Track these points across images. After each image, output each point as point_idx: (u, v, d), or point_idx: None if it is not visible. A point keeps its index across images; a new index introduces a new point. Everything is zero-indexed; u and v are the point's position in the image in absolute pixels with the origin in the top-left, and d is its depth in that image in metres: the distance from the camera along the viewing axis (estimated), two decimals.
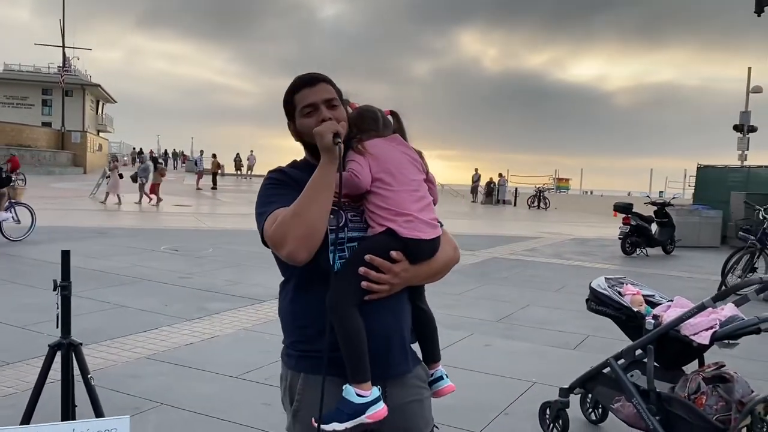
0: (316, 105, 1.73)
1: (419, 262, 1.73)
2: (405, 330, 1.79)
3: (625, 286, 3.53)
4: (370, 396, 1.63)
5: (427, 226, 1.74)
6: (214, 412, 3.84)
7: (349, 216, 1.73)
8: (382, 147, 1.76)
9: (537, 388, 4.44)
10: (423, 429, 1.83)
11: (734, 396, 3.04)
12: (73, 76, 47.85)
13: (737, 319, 3.11)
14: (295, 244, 1.59)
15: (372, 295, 1.66)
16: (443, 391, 1.96)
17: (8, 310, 6.05)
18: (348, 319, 1.64)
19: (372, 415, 1.62)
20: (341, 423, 1.61)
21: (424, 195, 1.78)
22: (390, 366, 1.73)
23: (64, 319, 2.71)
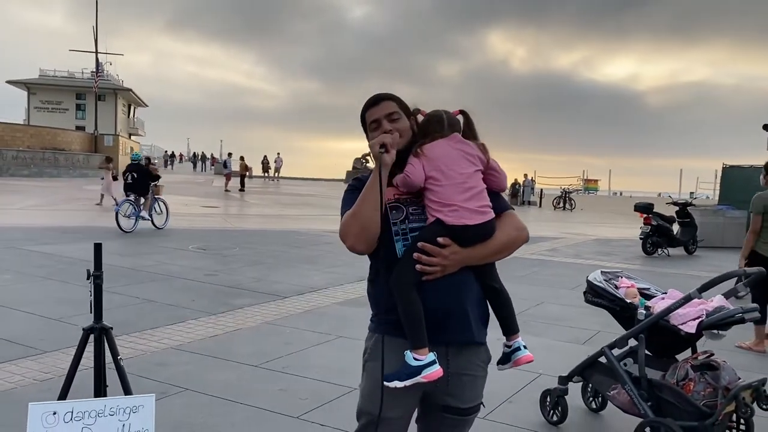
0: (379, 120, 2.07)
1: (470, 245, 1.98)
2: (467, 305, 2.02)
3: (620, 279, 3.70)
4: (426, 360, 1.92)
5: (473, 213, 1.98)
6: (234, 397, 4.11)
7: (411, 210, 2.03)
8: (439, 147, 2.03)
9: (542, 379, 4.62)
10: (468, 402, 2.10)
11: (721, 383, 3.21)
12: (106, 81, 48.98)
13: (723, 309, 3.27)
14: (353, 239, 1.97)
15: (428, 276, 1.94)
16: (521, 360, 2.20)
17: (45, 304, 6.41)
18: (406, 296, 1.94)
19: (427, 375, 1.91)
20: (401, 381, 1.93)
21: (473, 185, 2.01)
22: (452, 332, 2.00)
23: (96, 305, 2.99)
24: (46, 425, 2.72)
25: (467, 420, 2.14)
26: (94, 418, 2.78)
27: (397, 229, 2.01)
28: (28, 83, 51.08)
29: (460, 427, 2.15)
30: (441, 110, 2.10)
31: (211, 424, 3.70)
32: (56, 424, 2.73)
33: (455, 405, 2.07)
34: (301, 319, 6.29)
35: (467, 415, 2.12)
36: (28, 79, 51.64)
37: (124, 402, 2.84)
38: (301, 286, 7.93)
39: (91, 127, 42.13)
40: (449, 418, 2.10)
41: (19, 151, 31.71)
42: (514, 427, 3.86)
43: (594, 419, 4.05)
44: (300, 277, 8.64)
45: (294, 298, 7.28)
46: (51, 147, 34.69)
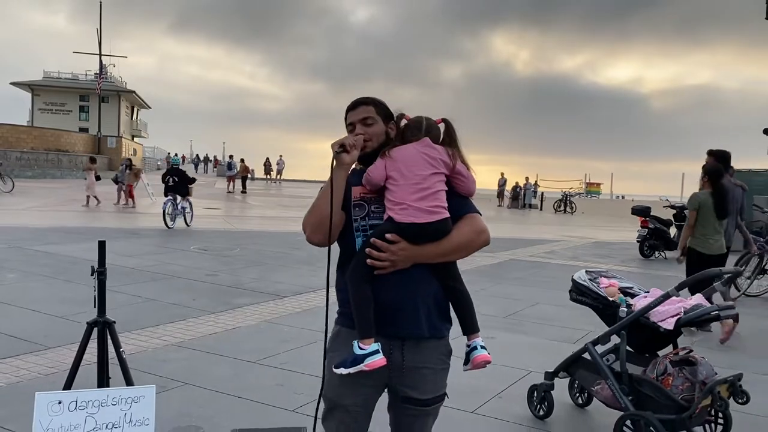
0: (354, 124, 2.23)
1: (420, 243, 2.08)
2: (419, 301, 2.13)
3: (601, 278, 3.84)
4: (369, 349, 2.05)
5: (423, 212, 2.08)
6: (232, 391, 4.25)
7: (373, 207, 2.17)
8: (405, 150, 2.16)
9: (532, 376, 4.75)
10: (428, 393, 2.19)
11: (698, 377, 3.34)
12: (109, 83, 49.24)
13: (701, 307, 3.41)
14: (310, 230, 2.14)
15: (378, 270, 2.08)
16: (477, 359, 2.22)
17: (50, 302, 6.56)
18: (357, 288, 2.09)
19: (370, 363, 2.03)
20: (346, 369, 2.07)
21: (427, 187, 2.11)
22: (402, 326, 2.12)
23: (100, 300, 3.14)
24: (52, 413, 2.86)
25: (429, 410, 2.23)
26: (97, 407, 2.92)
27: (358, 225, 2.15)
28: (32, 85, 51.39)
29: (422, 418, 2.23)
30: (423, 117, 2.23)
31: (209, 416, 3.84)
32: (61, 413, 2.87)
33: (416, 396, 2.16)
34: (299, 318, 6.43)
35: (428, 406, 2.21)
36: (32, 80, 51.96)
37: (126, 392, 2.98)
38: (300, 286, 8.06)
39: (95, 128, 42.40)
40: (411, 409, 2.20)
41: (22, 152, 31.92)
42: (502, 421, 3.99)
43: (579, 414, 4.18)
44: (299, 277, 8.78)
45: (293, 298, 7.42)
46: (54, 148, 34.91)
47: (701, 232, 6.27)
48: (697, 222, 6.23)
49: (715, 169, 6.30)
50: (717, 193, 6.23)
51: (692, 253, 6.34)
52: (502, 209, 32.11)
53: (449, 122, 2.25)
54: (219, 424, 3.70)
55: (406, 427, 2.26)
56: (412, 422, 2.24)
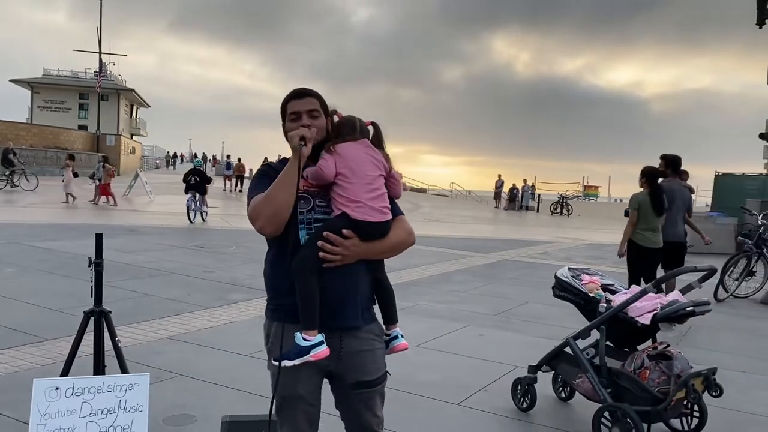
0: (300, 114, 2.24)
1: (369, 240, 2.19)
2: (359, 293, 2.24)
3: (583, 275, 3.96)
4: (314, 340, 2.11)
5: (376, 212, 2.19)
6: (225, 382, 4.37)
7: (317, 202, 2.22)
8: (350, 148, 2.24)
9: (518, 371, 4.86)
10: (374, 373, 2.29)
11: (674, 371, 3.46)
12: (109, 81, 49.30)
13: (677, 303, 3.53)
14: (264, 221, 2.13)
15: (328, 263, 2.14)
16: (396, 348, 2.39)
17: (48, 296, 6.67)
18: (304, 280, 2.12)
19: (316, 354, 2.10)
20: (291, 360, 2.11)
21: (377, 188, 2.23)
22: (344, 319, 2.21)
23: (96, 290, 3.25)
24: (49, 399, 2.98)
25: (377, 390, 2.31)
26: (93, 393, 3.04)
27: (303, 218, 2.17)
28: (32, 82, 51.44)
29: (373, 399, 2.31)
30: (355, 117, 2.31)
31: (201, 405, 3.95)
32: (58, 398, 2.99)
33: (364, 379, 2.25)
34: None
35: (376, 386, 2.30)
36: (32, 78, 52.00)
37: (121, 380, 3.10)
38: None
39: (94, 126, 42.45)
40: (362, 393, 2.27)
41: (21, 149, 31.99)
42: (487, 413, 4.11)
43: (562, 407, 4.30)
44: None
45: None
46: (53, 146, 34.97)
47: (641, 228, 6.86)
48: (638, 219, 6.84)
49: (650, 171, 6.93)
50: (654, 193, 6.82)
51: (632, 246, 6.94)
52: (499, 211, 32.24)
53: (378, 126, 2.34)
54: (211, 413, 3.81)
55: (361, 412, 2.31)
56: (365, 405, 2.30)
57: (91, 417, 3.03)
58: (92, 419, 3.03)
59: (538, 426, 3.95)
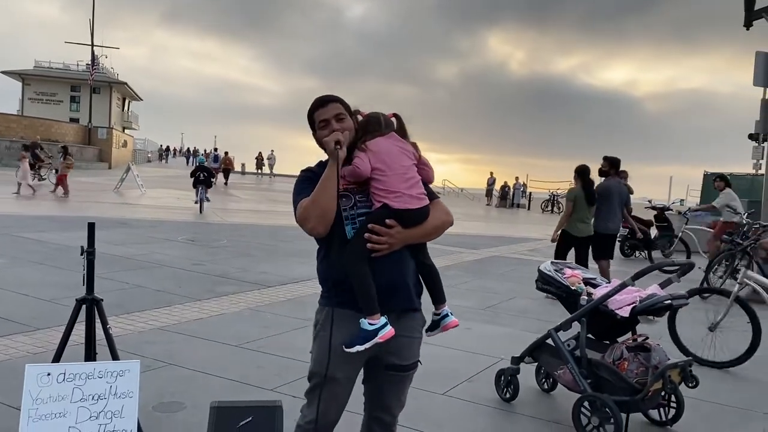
0: (328, 120, 2.38)
1: (411, 227, 2.32)
2: (408, 278, 2.38)
3: (565, 269, 4.06)
4: (379, 323, 2.25)
5: (414, 199, 2.32)
6: (214, 371, 4.44)
7: (358, 198, 2.37)
8: (381, 143, 2.36)
9: (503, 363, 4.95)
10: (408, 359, 2.42)
11: (651, 362, 3.56)
12: (101, 74, 49.07)
13: (655, 296, 3.63)
14: (314, 222, 2.26)
15: (377, 253, 2.27)
16: (449, 325, 2.55)
17: (39, 286, 6.72)
18: (358, 270, 2.26)
19: (383, 335, 2.24)
20: (361, 345, 2.24)
21: (412, 176, 2.36)
22: (396, 302, 2.34)
23: (89, 278, 3.32)
24: (41, 384, 3.03)
25: (408, 375, 2.46)
26: (84, 379, 3.10)
27: (347, 215, 2.32)
28: (23, 74, 51.12)
29: (403, 383, 2.47)
30: (378, 113, 2.43)
31: (191, 393, 4.02)
32: (50, 384, 3.05)
33: (398, 363, 2.40)
34: (282, 307, 6.62)
35: (407, 371, 2.44)
36: (23, 69, 51.67)
37: (112, 366, 3.16)
38: (285, 277, 8.25)
39: (85, 119, 42.26)
40: (393, 375, 2.42)
41: (12, 141, 31.85)
42: (471, 402, 4.20)
43: (544, 398, 4.39)
44: (285, 268, 8.96)
45: (277, 288, 7.60)
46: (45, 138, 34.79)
47: (575, 218, 7.87)
48: (573, 211, 7.84)
49: (582, 169, 7.98)
50: (585, 187, 7.92)
51: (564, 234, 7.98)
52: (491, 208, 32.39)
53: (400, 117, 2.46)
54: (201, 401, 3.87)
55: (388, 392, 2.46)
56: (395, 387, 2.46)
57: (82, 402, 3.08)
58: (83, 404, 3.09)
59: (520, 415, 4.05)
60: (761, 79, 8.92)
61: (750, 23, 9.10)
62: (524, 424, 3.93)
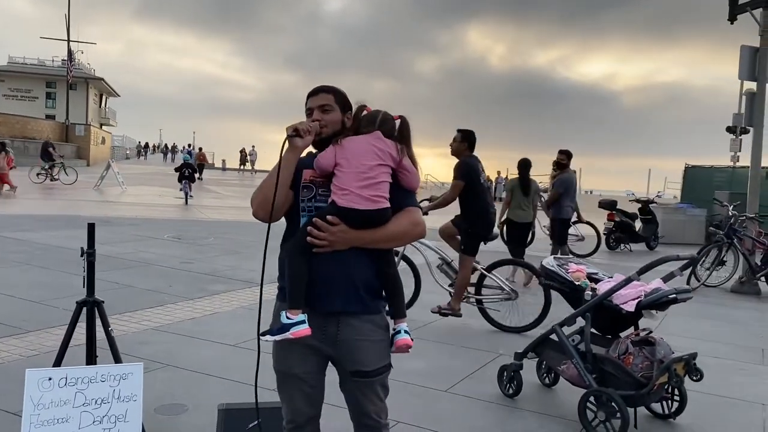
0: (312, 109, 2.35)
1: (359, 228, 2.22)
2: (354, 280, 2.26)
3: (570, 264, 4.06)
4: (296, 319, 2.19)
5: (364, 200, 2.20)
6: (213, 372, 4.38)
7: (320, 191, 2.30)
8: (354, 140, 2.29)
9: (502, 358, 4.96)
10: (373, 364, 2.31)
11: (656, 356, 3.57)
12: (78, 70, 48.30)
13: (660, 290, 3.64)
14: (256, 206, 2.28)
15: (317, 249, 2.20)
16: (398, 342, 2.36)
17: (25, 288, 6.58)
18: (292, 262, 2.23)
19: (295, 332, 2.18)
20: (272, 336, 2.25)
21: (371, 176, 2.23)
22: (332, 303, 2.25)
23: (89, 280, 3.24)
24: (42, 389, 2.96)
25: (376, 381, 2.34)
26: (86, 383, 3.04)
27: (304, 206, 2.28)
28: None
29: (371, 387, 2.34)
30: (380, 111, 2.36)
31: (192, 394, 3.96)
32: (51, 389, 2.98)
33: (362, 369, 2.29)
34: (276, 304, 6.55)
35: (375, 377, 2.32)
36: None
37: (115, 369, 3.10)
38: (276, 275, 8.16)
39: (62, 116, 41.57)
40: (360, 381, 2.32)
41: None
42: (475, 399, 4.19)
43: (546, 393, 4.40)
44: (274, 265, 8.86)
45: (270, 285, 7.51)
46: (21, 136, 34.21)
47: (515, 206, 8.69)
48: (512, 199, 8.70)
49: (523, 163, 8.79)
50: (522, 179, 8.73)
51: (508, 222, 8.85)
52: None
53: (406, 120, 2.38)
54: (203, 402, 3.83)
55: (362, 398, 2.35)
56: (366, 393, 2.34)
57: (85, 407, 3.03)
58: (86, 409, 3.03)
59: (525, 411, 4.04)
60: (746, 72, 9.00)
61: (734, 17, 9.18)
62: (529, 420, 3.92)
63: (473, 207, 6.21)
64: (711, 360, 5.30)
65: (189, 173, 19.64)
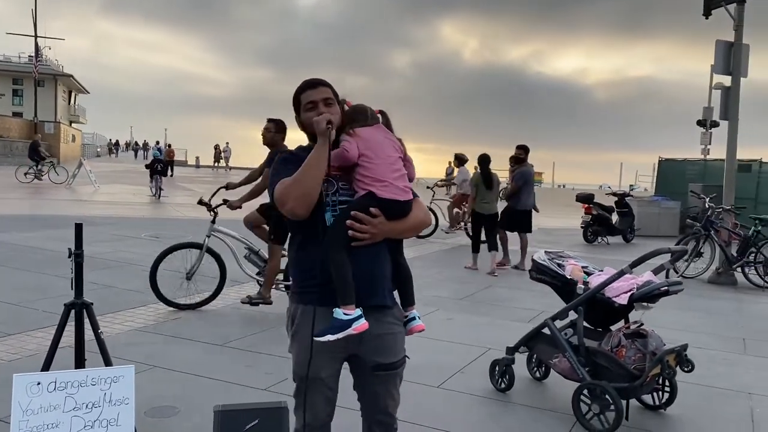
0: (316, 102, 2.28)
1: (394, 219, 2.24)
2: (384, 273, 2.30)
3: (568, 259, 4.07)
4: (354, 314, 2.15)
5: (401, 191, 2.25)
6: (203, 372, 4.31)
7: (340, 184, 2.26)
8: (368, 132, 2.30)
9: (491, 353, 4.97)
10: (394, 356, 2.33)
11: (648, 348, 3.61)
12: (45, 66, 47.33)
13: (651, 283, 3.67)
14: (294, 203, 2.14)
15: (357, 242, 2.18)
16: (414, 329, 2.43)
17: (2, 290, 6.41)
18: (337, 258, 2.16)
19: (357, 327, 2.14)
20: (333, 335, 2.13)
21: (399, 168, 2.30)
22: (371, 297, 2.24)
23: (77, 281, 3.17)
24: (31, 394, 2.88)
25: (396, 373, 2.36)
26: (76, 387, 2.96)
27: (328, 201, 2.21)
28: None
29: (392, 380, 2.35)
30: (365, 105, 2.37)
31: (182, 396, 3.90)
32: (40, 394, 2.90)
33: (384, 362, 2.30)
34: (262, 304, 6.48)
35: (396, 369, 2.34)
36: None
37: (105, 373, 3.03)
38: None
39: (29, 113, 40.68)
40: (382, 375, 2.31)
41: None
42: (466, 394, 4.19)
43: (537, 386, 4.42)
44: None
45: (254, 284, 7.44)
46: None
47: (479, 200, 9.24)
48: (477, 194, 9.24)
49: (482, 159, 9.38)
50: (484, 174, 9.31)
51: (475, 215, 9.34)
52: None
53: (386, 114, 2.40)
54: (194, 404, 3.77)
55: (379, 393, 2.35)
56: (385, 387, 2.35)
57: (76, 411, 2.95)
58: (77, 414, 2.95)
59: (517, 405, 4.06)
60: (721, 67, 9.13)
61: (709, 12, 9.31)
62: (521, 414, 3.93)
63: None
64: (695, 350, 5.34)
65: (160, 168, 20.56)
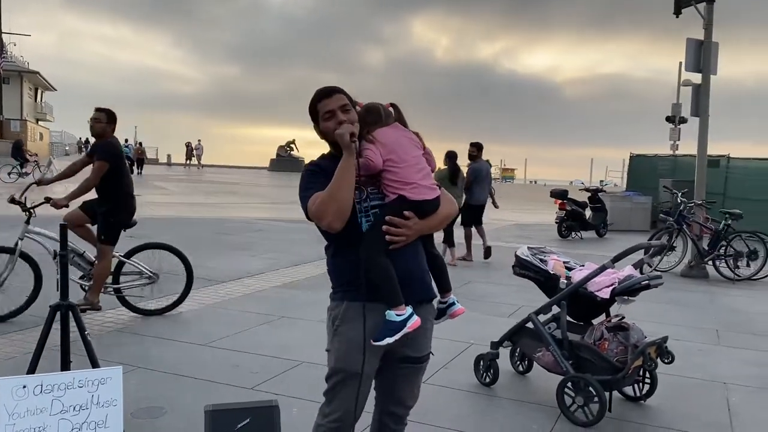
0: (333, 111, 2.28)
1: (426, 217, 2.31)
2: (424, 267, 2.39)
3: (551, 255, 4.14)
4: (406, 313, 2.21)
5: (429, 189, 2.31)
6: (188, 373, 4.29)
7: (369, 190, 2.31)
8: (388, 134, 2.31)
9: (474, 348, 5.03)
10: (421, 351, 2.40)
11: (630, 341, 3.69)
12: (10, 63, 46.27)
13: (633, 277, 3.76)
14: (332, 217, 2.19)
15: (395, 245, 2.24)
16: (456, 313, 2.57)
17: None
18: (377, 262, 2.21)
19: (411, 325, 2.21)
20: (391, 337, 2.21)
21: (423, 167, 2.34)
22: (414, 292, 2.30)
23: (62, 283, 3.13)
24: (17, 398, 2.85)
25: (422, 367, 2.45)
26: (63, 390, 2.93)
27: (360, 207, 2.27)
28: None
29: (416, 374, 2.45)
30: (376, 102, 2.38)
31: (168, 396, 3.88)
32: (26, 397, 2.87)
33: (412, 355, 2.37)
34: (241, 302, 6.48)
35: (421, 363, 2.43)
36: None
37: (92, 374, 3.00)
38: (238, 271, 8.07)
39: None
40: (407, 368, 2.40)
41: None
42: (451, 389, 4.24)
43: (521, 380, 4.49)
44: (235, 262, 8.76)
45: (231, 283, 7.42)
46: None
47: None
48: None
49: (450, 154, 9.61)
50: (450, 169, 9.51)
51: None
52: None
53: (397, 106, 2.43)
54: (180, 404, 3.75)
55: (402, 385, 2.43)
56: (409, 380, 2.43)
57: (63, 414, 2.93)
58: (64, 416, 2.93)
59: (503, 399, 4.12)
60: (692, 64, 9.32)
61: (679, 11, 9.49)
62: (507, 408, 3.99)
63: (117, 192, 5.79)
64: (671, 342, 5.46)
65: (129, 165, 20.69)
